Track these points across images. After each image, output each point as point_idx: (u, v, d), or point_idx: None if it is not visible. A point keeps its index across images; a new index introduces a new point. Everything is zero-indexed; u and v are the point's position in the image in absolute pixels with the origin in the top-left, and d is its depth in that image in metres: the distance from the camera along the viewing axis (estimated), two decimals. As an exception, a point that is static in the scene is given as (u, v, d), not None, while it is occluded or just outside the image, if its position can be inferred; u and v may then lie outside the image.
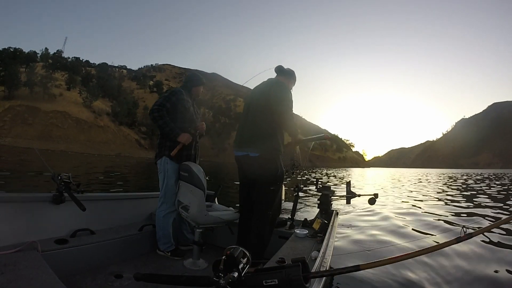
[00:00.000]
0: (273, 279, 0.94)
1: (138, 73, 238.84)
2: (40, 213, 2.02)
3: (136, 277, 1.05)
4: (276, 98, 2.24)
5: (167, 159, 2.47)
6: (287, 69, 2.54)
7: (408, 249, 3.42)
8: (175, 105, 2.48)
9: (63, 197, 2.08)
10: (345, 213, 6.16)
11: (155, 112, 2.41)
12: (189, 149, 2.57)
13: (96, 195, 2.62)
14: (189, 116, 2.56)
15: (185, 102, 2.54)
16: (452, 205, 8.26)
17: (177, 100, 2.50)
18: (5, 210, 1.83)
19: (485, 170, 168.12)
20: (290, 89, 2.49)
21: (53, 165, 17.64)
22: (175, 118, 2.48)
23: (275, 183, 2.26)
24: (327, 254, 1.69)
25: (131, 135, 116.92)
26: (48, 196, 2.08)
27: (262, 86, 2.45)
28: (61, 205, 2.09)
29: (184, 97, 2.55)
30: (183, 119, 2.51)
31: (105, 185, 10.37)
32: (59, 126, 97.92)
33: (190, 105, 2.62)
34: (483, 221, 6.01)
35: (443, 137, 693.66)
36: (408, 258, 1.11)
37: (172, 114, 2.48)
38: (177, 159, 2.50)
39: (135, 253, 2.41)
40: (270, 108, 2.23)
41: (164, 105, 2.43)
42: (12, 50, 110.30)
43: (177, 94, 2.52)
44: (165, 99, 2.47)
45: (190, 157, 2.57)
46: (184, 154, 2.53)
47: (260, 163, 2.23)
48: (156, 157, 2.55)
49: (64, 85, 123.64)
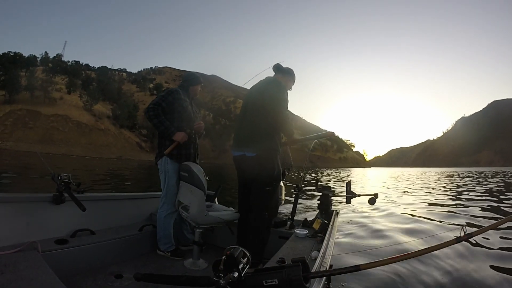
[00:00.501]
0: (273, 279, 0.94)
1: (138, 76, 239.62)
2: (40, 213, 2.02)
3: (136, 277, 1.05)
4: (270, 96, 2.21)
5: (168, 159, 2.47)
6: (285, 67, 2.50)
7: (408, 249, 3.43)
8: (171, 105, 2.48)
9: (63, 197, 2.08)
10: (345, 212, 6.16)
11: (150, 111, 2.42)
12: (188, 149, 2.56)
13: (96, 195, 2.62)
14: (186, 115, 2.55)
15: (182, 101, 2.53)
16: (452, 205, 8.24)
17: (174, 99, 2.49)
18: (5, 210, 1.83)
19: (486, 168, 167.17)
20: (289, 88, 2.47)
21: (55, 168, 17.72)
22: (172, 118, 2.48)
23: (271, 184, 2.24)
24: (327, 254, 1.69)
25: (132, 138, 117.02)
26: (48, 196, 2.08)
27: (259, 85, 2.42)
28: (61, 205, 2.09)
29: (181, 97, 2.55)
30: (180, 119, 2.50)
31: (107, 185, 10.42)
32: (60, 129, 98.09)
33: (188, 104, 2.61)
34: (483, 221, 5.99)
35: (444, 136, 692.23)
36: (408, 258, 1.12)
37: (169, 114, 2.48)
38: (176, 158, 2.49)
39: (135, 253, 2.40)
40: (266, 107, 2.20)
41: (160, 104, 2.44)
42: (12, 54, 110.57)
43: (173, 93, 2.52)
44: (161, 98, 2.48)
45: (189, 157, 2.56)
46: (183, 153, 2.52)
47: (256, 163, 2.21)
48: (157, 157, 2.55)
49: (65, 89, 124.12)
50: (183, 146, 2.49)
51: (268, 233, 2.30)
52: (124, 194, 3.00)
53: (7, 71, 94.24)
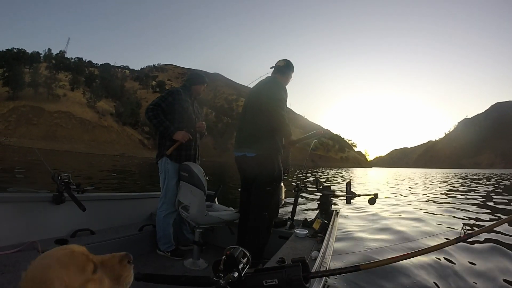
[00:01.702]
0: (273, 279, 0.94)
1: (140, 73, 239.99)
2: (40, 213, 2.02)
3: (136, 277, 1.05)
4: (267, 97, 2.20)
5: (168, 159, 2.46)
6: (283, 63, 2.44)
7: (408, 249, 3.42)
8: (171, 105, 2.47)
9: (63, 197, 2.09)
10: (344, 212, 6.18)
11: (149, 112, 2.42)
12: (189, 149, 2.55)
13: (96, 195, 2.63)
14: (187, 116, 2.54)
15: (183, 101, 2.52)
16: (451, 205, 8.25)
17: (174, 100, 2.49)
18: (5, 210, 1.83)
19: (487, 170, 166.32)
20: (287, 82, 2.44)
21: (59, 165, 18.00)
22: (172, 119, 2.48)
23: (272, 184, 2.23)
24: (327, 254, 1.70)
25: (134, 135, 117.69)
26: (48, 196, 2.08)
27: (258, 85, 2.42)
28: (61, 205, 2.10)
29: (182, 97, 2.54)
30: (181, 119, 2.49)
31: (114, 180, 10.52)
32: (63, 126, 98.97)
33: (189, 104, 2.60)
34: (483, 221, 6.00)
35: (445, 137, 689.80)
36: (408, 258, 1.12)
37: (169, 115, 2.48)
38: (177, 159, 2.49)
39: (135, 253, 2.35)
40: (263, 107, 2.19)
41: (159, 105, 2.44)
42: (16, 50, 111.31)
43: (173, 94, 2.51)
44: (161, 99, 2.48)
45: (190, 157, 2.55)
46: (184, 154, 2.52)
47: (256, 163, 2.21)
48: (157, 157, 2.55)
49: (68, 86, 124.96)
50: (183, 147, 2.48)
51: (269, 234, 2.30)
52: (124, 194, 3.01)
53: (11, 67, 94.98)
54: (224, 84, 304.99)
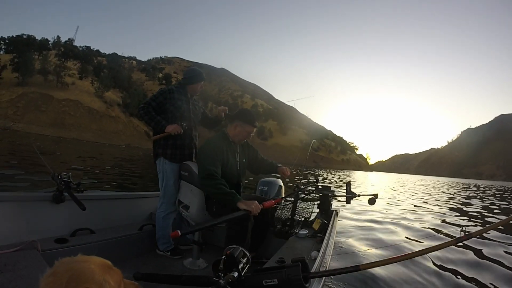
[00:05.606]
0: (273, 279, 0.94)
1: (147, 65, 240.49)
2: (40, 212, 2.00)
3: (136, 277, 1.05)
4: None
5: (165, 159, 2.45)
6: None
7: (408, 249, 3.52)
8: (162, 105, 2.47)
9: (63, 196, 2.06)
10: (344, 213, 6.16)
11: (140, 110, 2.43)
12: (182, 149, 2.50)
13: (96, 195, 2.64)
14: (180, 114, 2.50)
15: (175, 100, 2.49)
16: (452, 207, 8.31)
17: (165, 99, 2.48)
18: (5, 209, 1.81)
19: (487, 181, 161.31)
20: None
21: (69, 153, 18.28)
22: (165, 118, 2.46)
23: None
24: (327, 254, 1.70)
25: (140, 127, 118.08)
26: (48, 196, 2.06)
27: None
28: (61, 204, 2.07)
29: (175, 96, 2.50)
30: (174, 118, 2.47)
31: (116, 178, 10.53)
32: (72, 114, 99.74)
33: (184, 102, 2.55)
34: (483, 221, 6.14)
35: (448, 146, 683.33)
36: (408, 258, 1.11)
37: (160, 114, 2.47)
38: (171, 158, 2.45)
39: (135, 252, 2.39)
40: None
41: (150, 104, 2.44)
42: (26, 37, 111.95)
43: (164, 93, 2.50)
44: (152, 98, 2.49)
45: (184, 158, 2.50)
46: (178, 153, 2.48)
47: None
48: (154, 156, 2.53)
49: (77, 74, 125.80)
50: (178, 146, 2.47)
51: (266, 231, 2.37)
52: (124, 194, 2.97)
53: (21, 53, 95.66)
54: (230, 79, 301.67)
